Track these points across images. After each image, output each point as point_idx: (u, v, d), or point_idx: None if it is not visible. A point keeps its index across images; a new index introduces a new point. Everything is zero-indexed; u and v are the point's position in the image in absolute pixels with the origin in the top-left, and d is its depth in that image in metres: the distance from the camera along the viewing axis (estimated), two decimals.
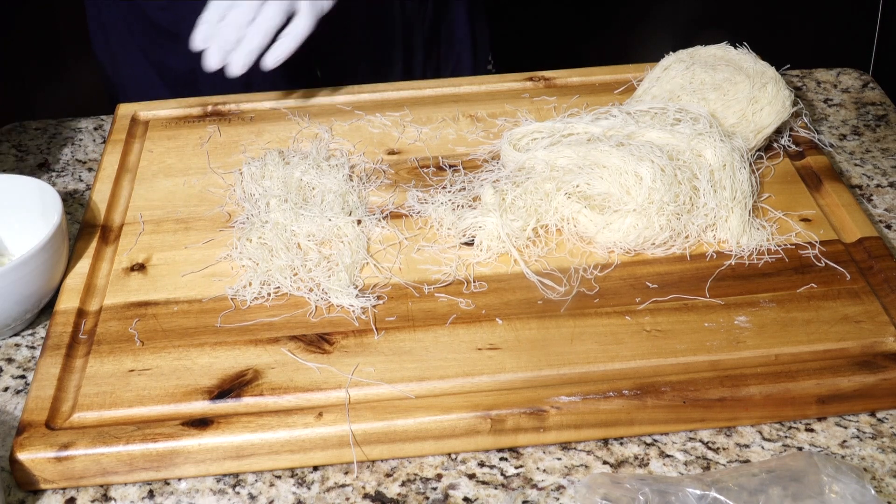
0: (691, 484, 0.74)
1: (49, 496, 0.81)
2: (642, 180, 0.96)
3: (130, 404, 0.83)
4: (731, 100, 1.05)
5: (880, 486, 0.79)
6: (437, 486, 0.80)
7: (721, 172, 0.98)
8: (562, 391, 0.82)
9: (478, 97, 1.18)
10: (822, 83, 1.25)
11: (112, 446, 0.80)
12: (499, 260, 0.95)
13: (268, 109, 1.17)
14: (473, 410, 0.81)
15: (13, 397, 0.88)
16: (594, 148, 0.99)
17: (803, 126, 1.11)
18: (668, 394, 0.82)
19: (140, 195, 1.05)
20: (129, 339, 0.89)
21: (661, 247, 0.96)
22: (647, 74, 1.14)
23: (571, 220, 0.97)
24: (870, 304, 0.90)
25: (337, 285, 0.92)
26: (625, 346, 0.87)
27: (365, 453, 0.81)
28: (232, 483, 0.81)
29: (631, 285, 0.93)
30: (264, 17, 1.03)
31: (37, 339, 0.94)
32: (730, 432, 0.84)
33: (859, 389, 0.83)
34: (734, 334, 0.87)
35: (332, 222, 0.98)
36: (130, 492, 0.81)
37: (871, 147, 1.14)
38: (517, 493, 0.79)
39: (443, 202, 1.01)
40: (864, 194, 1.07)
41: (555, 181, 0.98)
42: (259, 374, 0.85)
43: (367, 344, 0.87)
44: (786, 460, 0.76)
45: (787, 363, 0.85)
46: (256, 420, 0.81)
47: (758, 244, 0.96)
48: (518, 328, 0.88)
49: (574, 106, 1.16)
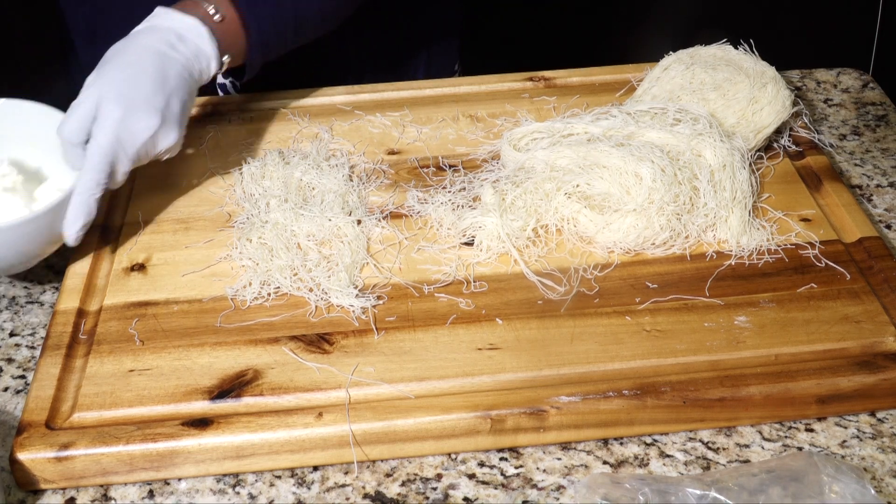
0: (691, 484, 0.74)
1: (49, 496, 0.81)
2: (642, 180, 0.96)
3: (130, 404, 0.83)
4: (731, 100, 1.05)
5: (880, 486, 0.79)
6: (437, 486, 0.80)
7: (721, 172, 0.98)
8: (562, 391, 0.82)
9: (478, 97, 1.18)
10: (822, 83, 1.25)
11: (112, 446, 0.80)
12: (499, 260, 0.95)
13: (268, 109, 1.17)
14: (473, 410, 0.81)
15: (13, 397, 0.88)
16: (594, 148, 0.99)
17: (803, 126, 1.11)
18: (668, 394, 0.82)
19: (140, 195, 1.05)
20: (129, 339, 0.89)
21: (661, 247, 0.96)
22: (647, 74, 1.14)
23: (571, 220, 0.97)
24: (870, 304, 0.90)
25: (337, 285, 0.92)
26: (625, 346, 0.87)
27: (365, 453, 0.81)
28: (232, 483, 0.81)
29: (631, 285, 0.93)
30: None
31: (37, 339, 0.94)
32: (730, 432, 0.84)
33: (859, 389, 0.83)
34: (734, 334, 0.87)
35: (332, 222, 0.98)
36: (130, 492, 0.81)
37: (871, 147, 1.14)
38: (517, 493, 0.79)
39: (443, 202, 1.01)
40: (864, 194, 1.07)
41: (555, 181, 0.98)
42: (259, 374, 0.85)
43: (367, 344, 0.87)
44: (786, 460, 0.76)
45: (787, 363, 0.85)
46: (256, 420, 0.81)
47: (758, 244, 0.96)
48: (518, 328, 0.88)
49: (574, 106, 1.15)
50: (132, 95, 0.94)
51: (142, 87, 0.95)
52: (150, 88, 0.95)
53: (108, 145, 0.93)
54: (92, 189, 0.93)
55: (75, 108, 0.95)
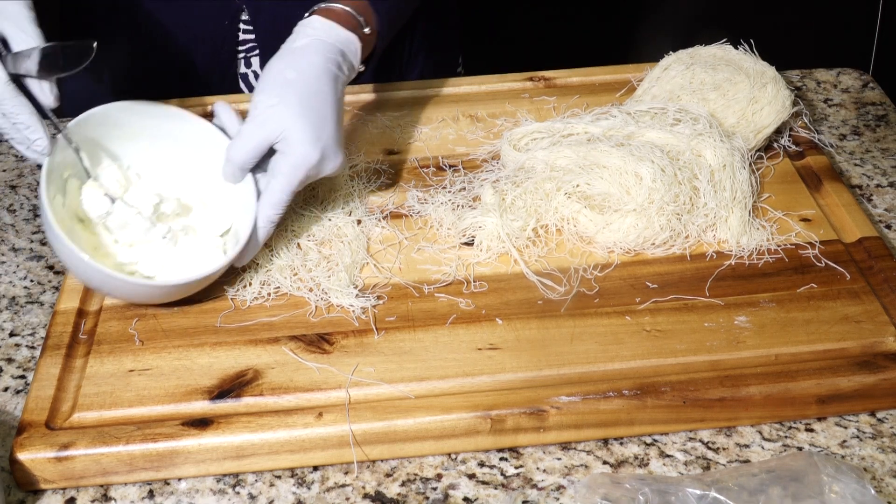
0: (691, 484, 0.74)
1: (49, 496, 0.81)
2: (642, 180, 0.96)
3: (130, 404, 0.83)
4: (731, 100, 1.05)
5: (880, 486, 0.79)
6: (437, 486, 0.80)
7: (721, 172, 0.98)
8: (562, 391, 0.82)
9: (478, 97, 1.18)
10: (822, 83, 1.25)
11: (112, 446, 0.80)
12: (499, 260, 0.95)
13: None
14: (473, 410, 0.81)
15: (13, 397, 0.88)
16: (594, 148, 0.99)
17: (803, 126, 1.11)
18: (668, 394, 0.82)
19: None
20: (129, 339, 0.89)
21: (661, 247, 0.96)
22: (647, 74, 1.14)
23: (571, 220, 0.97)
24: (870, 304, 0.90)
25: (337, 285, 0.92)
26: (625, 346, 0.87)
27: (365, 453, 0.81)
28: (232, 483, 0.81)
29: (631, 285, 0.93)
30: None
31: (37, 339, 0.94)
32: (730, 432, 0.84)
33: (859, 389, 0.83)
34: (734, 334, 0.87)
35: (332, 222, 0.98)
36: (130, 492, 0.81)
37: (871, 147, 1.14)
38: (517, 493, 0.79)
39: (443, 202, 1.01)
40: (864, 194, 1.07)
41: (555, 181, 0.98)
42: (259, 374, 0.85)
43: (367, 344, 0.87)
44: (786, 460, 0.76)
45: (787, 363, 0.85)
46: (256, 420, 0.81)
47: (758, 244, 0.96)
48: (518, 328, 0.88)
49: (574, 106, 1.15)
50: (324, 137, 0.90)
51: (330, 124, 0.91)
52: (336, 125, 0.92)
53: (297, 186, 0.90)
54: (273, 221, 0.91)
55: (252, 133, 0.90)
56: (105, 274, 0.85)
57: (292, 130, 0.89)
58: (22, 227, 1.06)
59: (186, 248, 0.93)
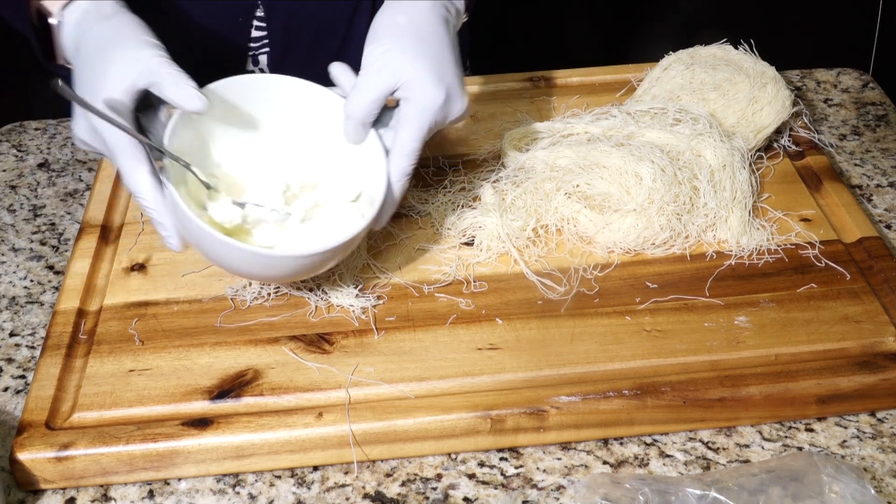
0: (691, 484, 0.74)
1: (49, 496, 0.81)
2: (642, 180, 0.96)
3: (130, 404, 0.83)
4: (731, 100, 1.05)
5: (880, 486, 0.79)
6: (437, 486, 0.80)
7: (721, 172, 0.98)
8: (562, 391, 0.82)
9: (478, 97, 1.18)
10: (822, 83, 1.25)
11: (112, 446, 0.80)
12: (499, 260, 0.95)
13: None
14: (473, 410, 0.81)
15: (13, 397, 0.88)
16: (594, 148, 0.99)
17: (803, 126, 1.11)
18: (668, 394, 0.82)
19: None
20: (129, 339, 0.89)
21: (661, 247, 0.96)
22: (647, 74, 1.14)
23: (571, 220, 0.97)
24: (870, 304, 0.90)
25: (337, 285, 0.92)
26: (625, 346, 0.87)
27: (365, 453, 0.81)
28: (232, 483, 0.81)
29: (631, 285, 0.93)
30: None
31: (37, 339, 0.94)
32: (730, 432, 0.84)
33: (859, 389, 0.83)
34: (734, 334, 0.87)
35: None
36: (130, 492, 0.81)
37: (871, 147, 1.14)
38: (517, 493, 0.79)
39: (443, 202, 1.01)
40: (864, 194, 1.07)
41: (555, 181, 0.98)
42: (259, 374, 0.85)
43: (367, 344, 0.87)
44: (786, 460, 0.76)
45: (787, 363, 0.85)
46: (256, 420, 0.81)
47: (758, 244, 0.96)
48: (518, 328, 0.88)
49: (574, 106, 1.15)
50: (446, 77, 0.86)
51: (449, 64, 0.87)
52: (456, 66, 0.88)
53: (427, 132, 0.87)
54: (408, 173, 0.88)
55: (369, 83, 0.87)
56: (257, 254, 0.81)
57: (412, 73, 0.86)
58: (22, 227, 1.06)
59: (321, 222, 0.90)
